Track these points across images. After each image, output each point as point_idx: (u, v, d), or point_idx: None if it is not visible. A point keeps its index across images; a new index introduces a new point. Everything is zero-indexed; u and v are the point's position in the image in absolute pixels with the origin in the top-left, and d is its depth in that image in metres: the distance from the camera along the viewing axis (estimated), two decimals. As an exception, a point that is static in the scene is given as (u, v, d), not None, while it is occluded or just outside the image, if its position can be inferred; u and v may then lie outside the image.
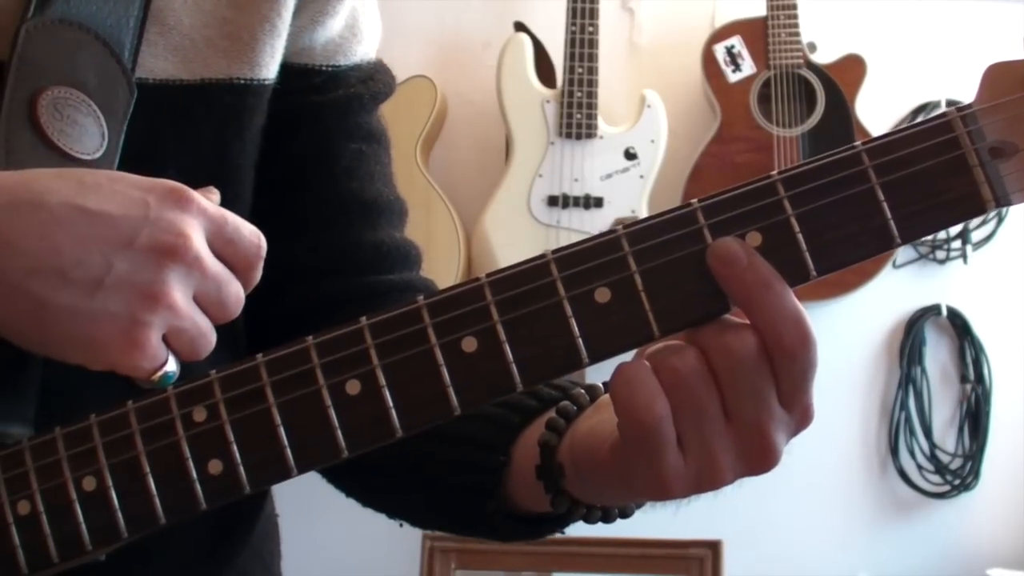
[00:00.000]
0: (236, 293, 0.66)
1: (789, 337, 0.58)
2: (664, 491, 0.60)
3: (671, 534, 2.15)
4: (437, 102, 2.58)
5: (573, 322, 0.59)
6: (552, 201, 2.49)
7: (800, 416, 0.60)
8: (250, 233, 0.66)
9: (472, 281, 0.60)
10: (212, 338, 0.65)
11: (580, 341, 0.59)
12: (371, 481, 0.83)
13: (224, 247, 0.65)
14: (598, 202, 2.49)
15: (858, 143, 0.59)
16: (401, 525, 0.86)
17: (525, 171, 2.52)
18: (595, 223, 2.47)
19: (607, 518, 0.69)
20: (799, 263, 0.59)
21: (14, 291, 0.61)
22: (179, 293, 0.63)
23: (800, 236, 0.58)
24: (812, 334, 0.58)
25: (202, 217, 0.64)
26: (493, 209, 2.51)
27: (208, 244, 0.64)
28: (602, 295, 0.59)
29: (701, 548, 2.45)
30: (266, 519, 0.89)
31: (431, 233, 2.50)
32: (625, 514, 0.70)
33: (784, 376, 0.59)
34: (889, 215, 0.58)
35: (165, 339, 0.63)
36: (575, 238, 2.44)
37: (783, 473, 0.64)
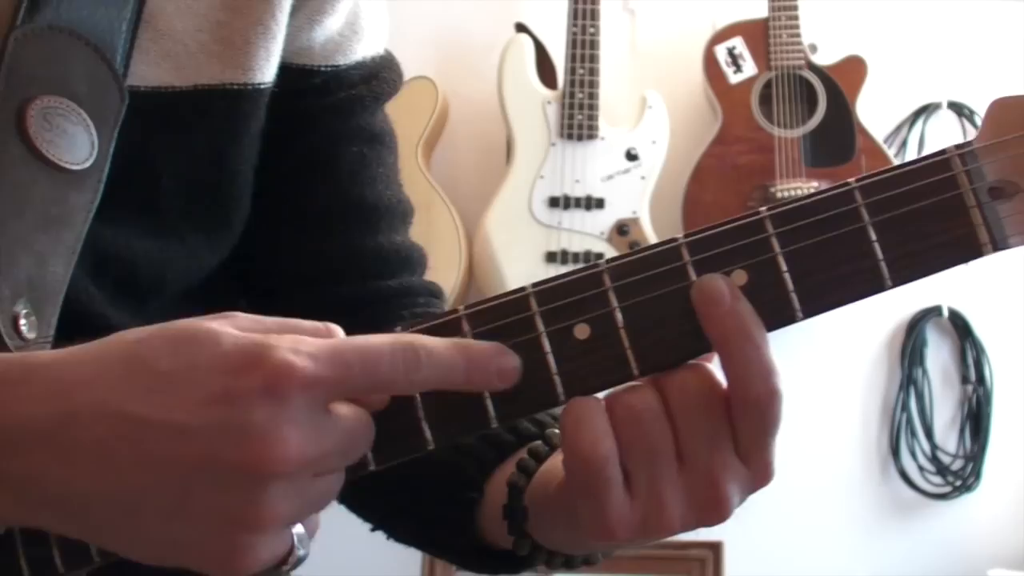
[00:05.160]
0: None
1: (755, 389, 0.56)
2: (607, 533, 0.57)
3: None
4: (438, 103, 2.57)
5: (551, 358, 0.57)
6: (553, 202, 2.48)
7: (759, 473, 0.58)
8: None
9: (449, 313, 0.59)
10: (336, 489, 0.56)
11: (557, 378, 0.57)
12: (366, 501, 0.83)
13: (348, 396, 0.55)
14: (599, 203, 2.47)
15: (851, 180, 0.56)
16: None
17: (526, 172, 2.50)
18: (596, 224, 2.45)
19: (570, 565, 0.67)
20: (784, 304, 0.57)
21: (73, 518, 0.53)
22: (284, 504, 0.52)
23: (787, 276, 0.56)
24: (780, 390, 0.56)
25: (306, 394, 0.51)
26: (494, 210, 2.50)
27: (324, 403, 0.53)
28: (581, 331, 0.57)
29: (702, 549, 2.45)
30: None
31: (432, 234, 2.48)
32: (589, 561, 0.68)
33: (744, 427, 0.57)
34: (881, 256, 0.56)
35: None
36: (576, 239, 2.43)
37: (784, 474, 0.62)
